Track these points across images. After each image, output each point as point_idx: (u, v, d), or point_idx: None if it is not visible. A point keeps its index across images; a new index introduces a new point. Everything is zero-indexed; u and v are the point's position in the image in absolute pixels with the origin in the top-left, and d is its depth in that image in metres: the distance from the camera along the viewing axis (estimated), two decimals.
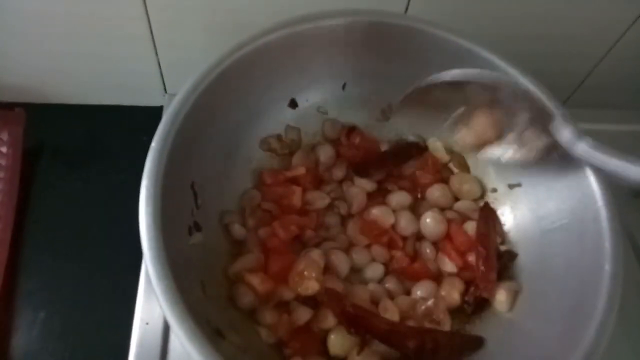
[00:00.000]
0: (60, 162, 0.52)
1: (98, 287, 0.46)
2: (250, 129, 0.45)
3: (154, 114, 0.53)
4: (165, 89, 0.54)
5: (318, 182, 0.45)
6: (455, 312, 0.40)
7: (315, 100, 0.47)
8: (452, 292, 0.40)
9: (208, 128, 0.39)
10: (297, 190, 0.44)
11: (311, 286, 0.38)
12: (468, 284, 0.41)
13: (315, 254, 0.41)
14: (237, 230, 0.42)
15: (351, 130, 0.47)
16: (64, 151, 0.53)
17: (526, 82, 0.40)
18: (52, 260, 0.47)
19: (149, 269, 0.31)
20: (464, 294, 0.41)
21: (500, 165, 0.45)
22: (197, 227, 0.39)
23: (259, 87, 0.42)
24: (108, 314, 0.44)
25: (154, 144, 0.35)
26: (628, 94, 0.59)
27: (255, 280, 0.39)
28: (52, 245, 0.48)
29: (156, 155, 0.34)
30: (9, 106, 0.51)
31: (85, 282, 0.46)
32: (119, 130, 0.54)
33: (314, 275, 0.38)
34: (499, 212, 0.44)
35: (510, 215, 0.44)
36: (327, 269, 0.41)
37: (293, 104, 0.46)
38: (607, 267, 0.34)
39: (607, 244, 0.35)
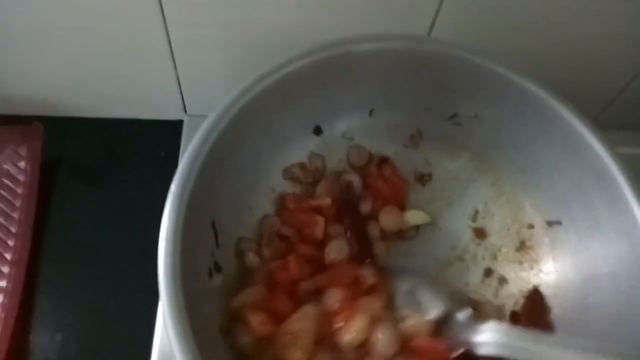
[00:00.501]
0: (78, 176, 0.51)
1: (117, 308, 0.45)
2: (272, 158, 0.42)
3: (172, 128, 0.52)
4: (184, 104, 0.53)
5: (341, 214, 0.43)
6: None
7: (341, 127, 0.44)
8: None
9: (229, 163, 0.37)
10: (321, 220, 0.41)
11: (297, 358, 0.35)
12: None
13: (313, 313, 0.37)
14: (251, 258, 0.40)
15: (383, 160, 0.44)
16: (81, 165, 0.52)
17: None
18: (70, 279, 0.46)
19: (168, 331, 0.29)
20: None
21: (538, 199, 0.42)
22: (218, 268, 0.38)
23: (283, 116, 0.40)
24: (127, 338, 0.43)
25: (173, 187, 0.32)
26: None
27: (255, 319, 0.36)
28: (70, 264, 0.46)
29: (176, 200, 0.32)
30: (28, 119, 0.50)
31: (104, 303, 0.45)
32: (137, 145, 0.53)
33: (303, 344, 0.35)
34: (535, 252, 0.42)
35: (549, 256, 0.41)
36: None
37: (317, 130, 0.44)
38: None
39: None
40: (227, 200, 0.38)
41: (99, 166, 0.52)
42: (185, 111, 0.53)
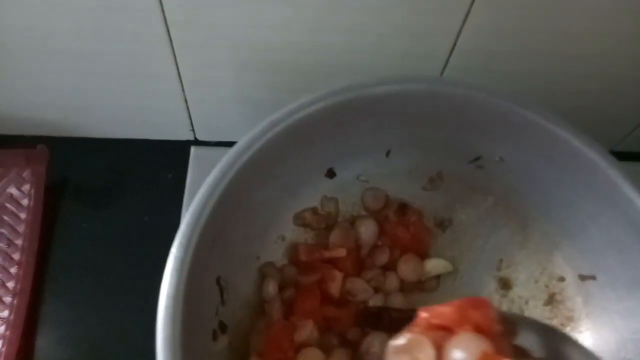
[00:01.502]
0: (84, 199, 0.49)
1: (123, 340, 0.43)
2: (282, 205, 0.40)
3: (180, 148, 0.51)
4: (192, 124, 0.51)
5: (359, 266, 0.40)
6: None
7: (356, 169, 0.42)
8: None
9: (236, 215, 0.35)
10: (338, 276, 0.39)
11: None
12: None
13: None
14: (271, 289, 0.38)
15: (403, 205, 0.42)
16: (87, 188, 0.50)
17: None
18: (74, 309, 0.44)
19: None
20: None
21: (569, 250, 0.39)
22: (223, 328, 0.35)
23: (294, 162, 0.37)
24: None
25: (174, 251, 0.30)
26: None
27: None
28: (75, 292, 0.45)
29: (177, 263, 0.29)
30: (33, 140, 0.49)
31: (107, 338, 0.43)
32: (144, 166, 0.51)
33: None
34: (565, 307, 0.39)
35: (582, 313, 0.38)
36: None
37: (331, 173, 0.41)
38: None
39: None
40: (234, 253, 0.36)
41: (104, 188, 0.50)
42: (194, 131, 0.52)
